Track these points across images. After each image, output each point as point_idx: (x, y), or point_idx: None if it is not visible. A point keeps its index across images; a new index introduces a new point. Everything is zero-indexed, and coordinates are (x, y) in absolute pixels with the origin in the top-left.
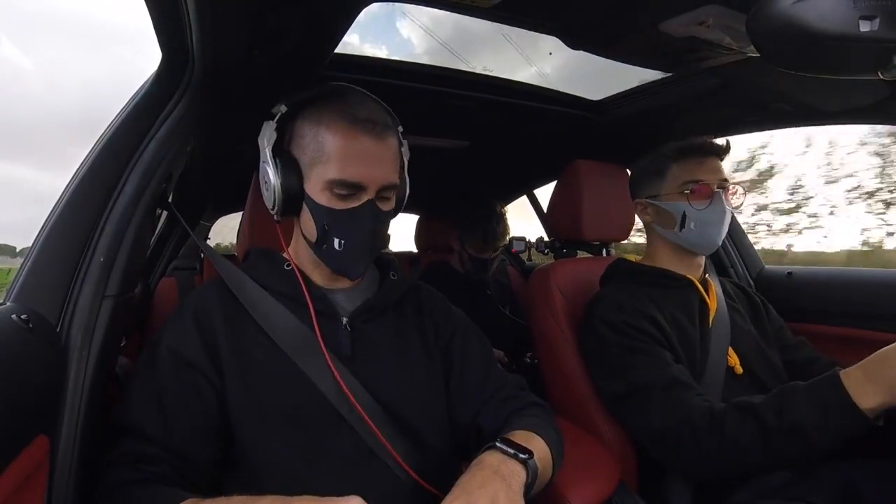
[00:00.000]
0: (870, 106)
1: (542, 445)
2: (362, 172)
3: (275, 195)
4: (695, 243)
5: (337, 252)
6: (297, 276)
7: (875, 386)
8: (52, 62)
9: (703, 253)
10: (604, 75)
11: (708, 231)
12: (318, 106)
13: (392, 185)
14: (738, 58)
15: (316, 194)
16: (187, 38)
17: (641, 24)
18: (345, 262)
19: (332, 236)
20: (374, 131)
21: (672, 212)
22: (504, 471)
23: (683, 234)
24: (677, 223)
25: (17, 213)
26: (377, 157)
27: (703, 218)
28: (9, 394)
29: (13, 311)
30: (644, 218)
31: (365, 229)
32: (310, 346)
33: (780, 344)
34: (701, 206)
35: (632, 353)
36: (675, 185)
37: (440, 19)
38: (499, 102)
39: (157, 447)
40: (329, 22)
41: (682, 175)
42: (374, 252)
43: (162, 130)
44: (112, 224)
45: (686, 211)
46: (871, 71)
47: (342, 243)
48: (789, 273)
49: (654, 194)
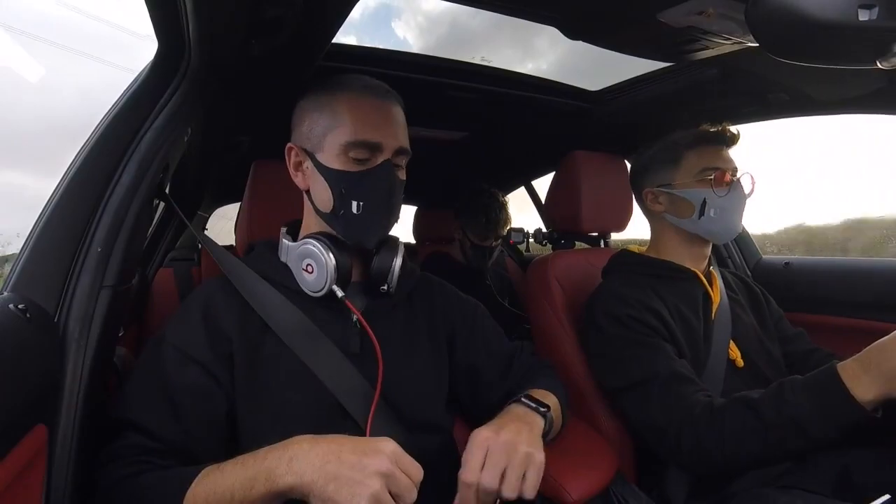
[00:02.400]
0: (868, 95)
1: (556, 402)
2: (377, 132)
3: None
4: (713, 231)
5: (354, 216)
6: None
7: (872, 378)
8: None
9: (719, 241)
10: (602, 66)
11: (730, 218)
12: (320, 88)
13: (405, 151)
14: (737, 48)
15: (331, 161)
16: (184, 28)
17: (640, 14)
18: (362, 228)
19: (349, 199)
20: (385, 95)
21: (690, 199)
22: (528, 419)
23: (703, 222)
24: (696, 210)
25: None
26: (391, 118)
27: (724, 205)
28: (7, 383)
29: (11, 301)
30: (655, 207)
31: (383, 188)
32: (315, 342)
33: (779, 335)
34: (721, 193)
35: (634, 347)
36: (693, 172)
37: (436, 18)
38: (497, 93)
39: (163, 443)
40: (327, 11)
41: (699, 162)
42: (391, 216)
43: (159, 120)
44: (109, 214)
45: (707, 198)
46: (870, 60)
47: (360, 206)
48: (786, 263)
49: (666, 182)
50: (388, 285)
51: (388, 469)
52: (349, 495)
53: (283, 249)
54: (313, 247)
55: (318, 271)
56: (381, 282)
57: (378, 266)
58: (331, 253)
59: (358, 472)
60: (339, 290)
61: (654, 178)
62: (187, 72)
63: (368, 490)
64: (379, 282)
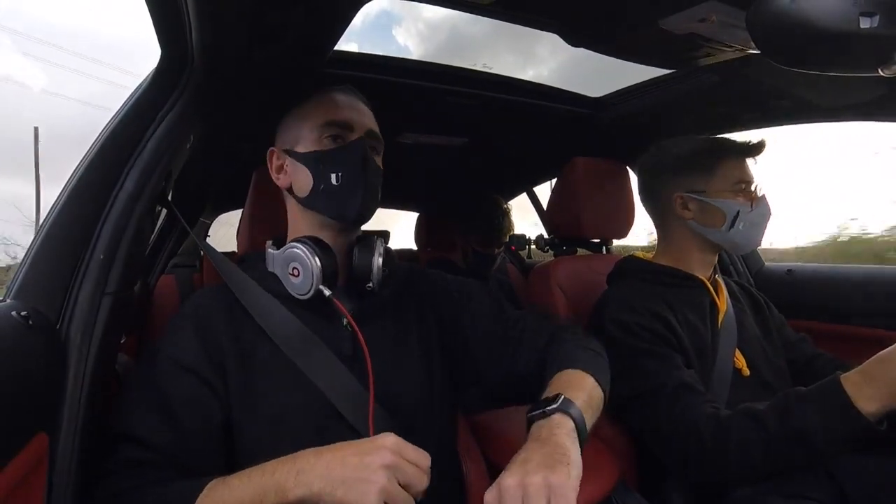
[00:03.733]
0: (870, 102)
1: (588, 382)
2: (348, 114)
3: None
4: (738, 243)
5: (334, 188)
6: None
7: (875, 389)
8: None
9: (740, 253)
10: (603, 72)
11: (755, 232)
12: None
13: (377, 137)
14: (739, 55)
15: (307, 147)
16: (187, 36)
17: (642, 20)
18: (342, 199)
19: (327, 173)
20: (350, 91)
21: (724, 210)
22: (541, 435)
23: (731, 234)
24: (727, 222)
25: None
26: (358, 106)
27: (754, 219)
28: (9, 391)
29: (13, 308)
30: (683, 213)
31: (357, 160)
32: (310, 346)
33: (781, 342)
34: (751, 207)
35: (642, 356)
36: (729, 182)
37: (436, 25)
38: (498, 100)
39: (159, 454)
40: (328, 19)
41: (735, 173)
42: (369, 191)
43: (161, 128)
44: (112, 221)
45: (741, 210)
46: (872, 67)
47: (339, 176)
48: (789, 270)
49: (700, 189)
50: (372, 283)
51: (392, 461)
52: (359, 495)
53: (270, 259)
54: (297, 250)
55: (303, 273)
56: (365, 280)
57: (358, 263)
58: (315, 254)
59: (362, 471)
60: (326, 290)
61: (685, 182)
62: (190, 79)
63: (376, 486)
64: (363, 280)
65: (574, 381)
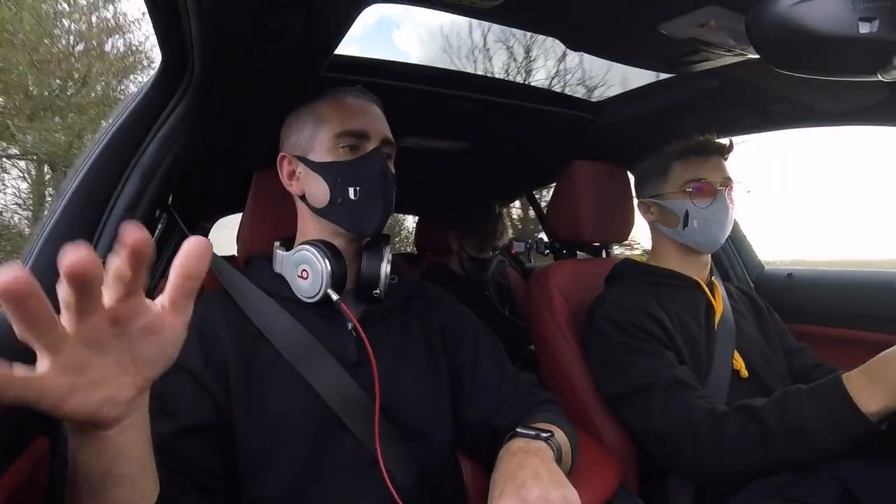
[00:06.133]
0: (870, 107)
1: (561, 433)
2: (363, 122)
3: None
4: (698, 242)
5: (352, 202)
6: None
7: (877, 389)
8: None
9: (705, 251)
10: (603, 76)
11: (711, 229)
12: (303, 103)
13: (392, 143)
14: (738, 59)
15: (322, 157)
16: (187, 40)
17: (641, 25)
18: (361, 214)
19: (345, 186)
20: (363, 94)
21: (675, 210)
22: (532, 448)
23: (687, 233)
24: (680, 222)
25: None
26: (372, 111)
27: (706, 216)
28: None
29: None
30: (648, 217)
31: (376, 172)
32: (312, 352)
33: (783, 348)
34: (703, 205)
35: (635, 353)
36: (678, 183)
37: (437, 29)
38: (498, 104)
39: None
40: (329, 23)
41: (684, 174)
42: (386, 204)
43: (162, 132)
44: (112, 225)
45: (689, 209)
46: (871, 72)
47: (357, 191)
48: (789, 274)
49: (657, 193)
50: (379, 289)
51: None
52: None
53: (278, 260)
54: (308, 252)
55: (312, 276)
56: (373, 286)
57: (366, 270)
58: (326, 258)
59: None
60: (335, 294)
61: (648, 188)
62: (191, 83)
63: None
64: (370, 286)
65: (557, 433)
